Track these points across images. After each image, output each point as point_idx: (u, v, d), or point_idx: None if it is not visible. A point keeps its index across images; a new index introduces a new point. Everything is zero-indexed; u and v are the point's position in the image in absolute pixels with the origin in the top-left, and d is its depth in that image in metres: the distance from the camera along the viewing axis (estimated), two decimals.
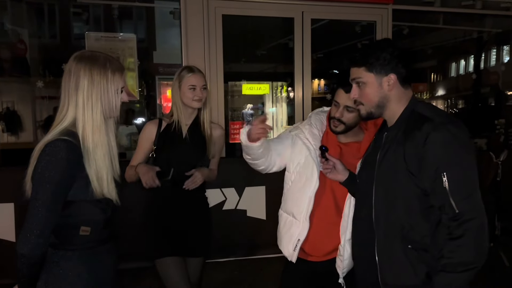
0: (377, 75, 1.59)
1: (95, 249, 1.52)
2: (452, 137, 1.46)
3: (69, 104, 1.48)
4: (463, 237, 1.41)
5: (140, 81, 4.99)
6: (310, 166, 1.97)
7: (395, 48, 1.59)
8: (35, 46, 6.10)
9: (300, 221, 1.99)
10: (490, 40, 7.71)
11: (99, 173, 1.47)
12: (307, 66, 4.78)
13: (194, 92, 2.27)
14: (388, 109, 1.63)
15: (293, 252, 2.01)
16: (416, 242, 1.52)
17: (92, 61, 1.49)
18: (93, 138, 1.47)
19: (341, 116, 1.94)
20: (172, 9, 4.86)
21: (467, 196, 1.44)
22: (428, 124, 1.48)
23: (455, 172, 1.44)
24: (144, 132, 2.35)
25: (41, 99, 6.33)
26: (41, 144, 1.43)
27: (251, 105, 9.73)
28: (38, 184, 1.39)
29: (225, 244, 3.98)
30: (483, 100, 7.50)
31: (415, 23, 6.12)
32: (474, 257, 1.41)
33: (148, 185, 2.16)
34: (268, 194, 4.09)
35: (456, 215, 1.43)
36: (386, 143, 1.62)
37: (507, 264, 3.91)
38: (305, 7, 4.66)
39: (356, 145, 2.02)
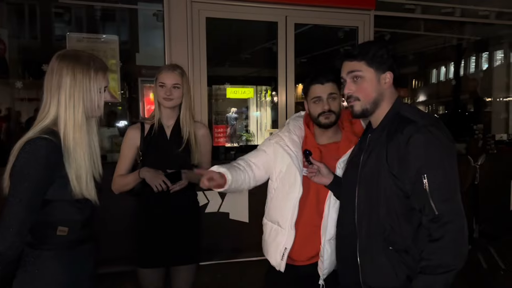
0: (377, 71, 1.59)
1: (73, 250, 1.51)
2: (434, 139, 1.46)
3: (51, 102, 1.46)
4: (443, 239, 1.41)
5: (122, 83, 4.94)
6: (293, 173, 1.96)
7: (390, 48, 1.61)
8: (14, 46, 6.00)
9: (285, 229, 1.97)
10: (470, 47, 7.90)
11: (78, 172, 1.45)
12: (290, 70, 4.80)
13: (163, 90, 2.19)
14: (380, 107, 1.63)
15: (280, 261, 2.00)
16: (397, 244, 1.52)
17: (75, 59, 1.48)
18: (74, 136, 1.45)
19: (330, 106, 1.97)
20: (155, 11, 4.84)
21: (447, 198, 1.44)
22: (411, 126, 1.49)
23: (435, 174, 1.44)
24: (127, 139, 2.26)
25: (20, 101, 6.21)
26: (21, 142, 1.41)
27: (235, 109, 9.73)
28: (16, 181, 1.37)
29: (208, 247, 3.91)
30: (463, 106, 7.65)
31: (396, 29, 6.22)
32: (453, 259, 1.42)
33: (159, 189, 2.09)
34: (251, 197, 4.08)
35: (436, 217, 1.43)
36: (370, 145, 1.63)
37: (485, 266, 3.98)
38: (288, 12, 4.69)
39: (335, 146, 2.03)
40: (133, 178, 2.18)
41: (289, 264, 2.02)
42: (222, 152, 6.57)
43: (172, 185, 2.12)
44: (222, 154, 6.38)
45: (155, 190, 2.10)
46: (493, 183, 4.73)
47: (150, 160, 2.21)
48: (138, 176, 2.15)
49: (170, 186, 2.11)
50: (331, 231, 1.92)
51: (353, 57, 1.62)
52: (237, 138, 9.00)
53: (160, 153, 2.23)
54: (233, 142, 8.75)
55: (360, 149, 1.70)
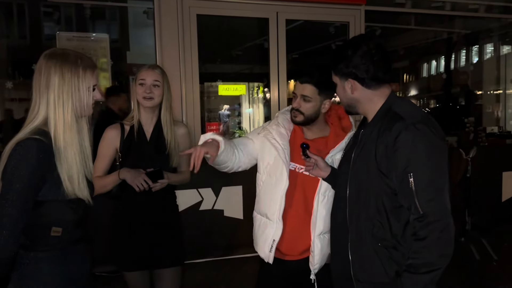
0: (340, 80, 1.65)
1: (67, 250, 1.50)
2: (421, 137, 1.45)
3: (40, 102, 1.45)
4: (427, 238, 1.42)
5: (113, 81, 4.91)
6: (280, 166, 1.97)
7: (354, 53, 1.58)
8: (3, 46, 5.93)
9: (273, 221, 1.99)
10: (460, 41, 7.94)
11: (69, 172, 1.44)
12: (282, 66, 4.81)
13: (143, 88, 2.12)
14: (360, 108, 1.67)
15: (269, 253, 2.01)
16: (386, 241, 1.53)
17: (62, 58, 1.46)
18: (64, 136, 1.44)
19: (299, 106, 1.97)
20: (145, 9, 4.80)
21: (432, 198, 1.43)
22: (400, 123, 1.48)
23: (421, 173, 1.43)
24: (105, 139, 2.18)
25: (10, 102, 6.14)
26: (12, 143, 1.40)
27: (228, 106, 9.71)
28: (8, 183, 1.36)
29: (202, 245, 3.96)
30: (454, 99, 7.70)
31: (387, 24, 6.25)
32: (437, 259, 1.42)
33: (141, 189, 2.05)
34: (245, 194, 4.09)
35: (421, 216, 1.43)
36: (362, 141, 1.63)
37: (478, 257, 4.02)
38: (279, 8, 4.69)
39: (323, 141, 2.04)
40: (112, 179, 2.12)
41: (281, 259, 2.03)
42: None
43: (154, 184, 2.09)
44: None
45: (137, 190, 2.06)
46: (485, 175, 4.77)
47: (129, 161, 2.15)
48: (118, 177, 2.10)
49: (152, 185, 2.07)
50: (321, 227, 1.94)
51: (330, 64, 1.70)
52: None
53: (140, 155, 2.17)
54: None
55: (354, 143, 1.71)
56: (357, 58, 1.57)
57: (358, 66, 1.57)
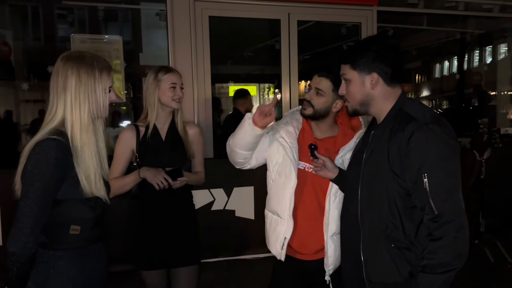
0: (360, 74, 1.60)
1: (86, 249, 1.53)
2: (435, 137, 1.45)
3: (58, 103, 1.48)
4: (443, 238, 1.42)
5: (126, 83, 4.96)
6: (288, 165, 1.98)
7: (381, 47, 1.59)
8: (19, 48, 6.03)
9: (284, 219, 2.00)
10: (473, 41, 7.86)
11: (87, 172, 1.47)
12: (294, 67, 4.81)
13: (174, 91, 2.20)
14: (373, 107, 1.64)
15: (281, 251, 2.02)
16: (399, 241, 1.53)
17: (79, 60, 1.49)
18: (81, 137, 1.47)
19: (311, 98, 1.98)
20: (158, 11, 4.84)
21: (447, 198, 1.44)
22: (412, 123, 1.48)
23: (435, 173, 1.44)
24: (122, 141, 2.23)
25: (25, 103, 6.24)
26: (31, 144, 1.43)
27: None
28: (28, 182, 1.39)
29: (214, 245, 3.97)
30: (467, 100, 7.63)
31: (399, 24, 6.21)
32: (453, 259, 1.42)
33: (161, 187, 2.10)
34: (256, 194, 4.09)
35: (436, 217, 1.43)
36: (373, 142, 1.63)
37: (492, 260, 3.98)
38: (291, 9, 4.69)
39: (332, 140, 2.05)
40: (132, 178, 2.16)
41: (294, 258, 2.04)
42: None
43: (173, 182, 2.13)
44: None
45: (156, 188, 2.10)
46: (499, 177, 4.71)
47: (147, 161, 2.19)
48: (138, 176, 2.14)
49: (172, 182, 2.12)
50: (333, 228, 1.95)
51: (342, 60, 1.67)
52: None
53: (157, 154, 2.22)
54: None
55: (364, 144, 1.70)
56: (381, 53, 1.57)
57: (383, 60, 1.57)
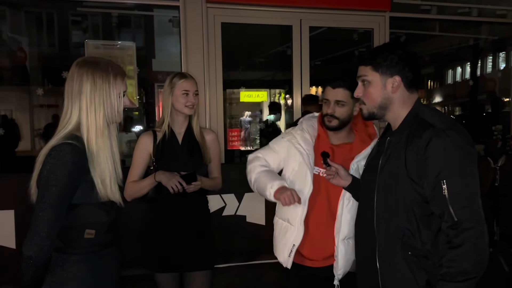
0: (382, 76, 1.59)
1: (99, 253, 1.54)
2: (453, 144, 1.44)
3: (73, 108, 1.50)
4: (462, 246, 1.39)
5: (139, 89, 5.01)
6: (304, 171, 1.99)
7: (404, 51, 1.60)
8: (34, 54, 6.12)
9: (295, 226, 1.99)
10: (487, 47, 7.78)
11: (102, 176, 1.48)
12: (305, 73, 4.81)
13: (187, 98, 2.23)
14: (391, 111, 1.63)
15: (288, 258, 2.02)
16: (416, 249, 1.51)
17: (94, 65, 1.51)
18: (96, 141, 1.48)
19: (333, 111, 1.98)
20: (171, 17, 4.89)
21: (466, 204, 1.42)
22: (430, 130, 1.47)
23: (454, 180, 1.42)
24: (140, 146, 2.28)
25: (39, 108, 6.33)
26: (46, 149, 1.45)
27: (249, 113, 9.76)
28: (44, 187, 1.41)
29: (225, 250, 3.97)
30: (480, 106, 7.53)
31: (412, 30, 6.18)
32: (474, 267, 1.40)
33: (175, 190, 2.12)
34: (267, 200, 4.09)
35: (455, 224, 1.41)
36: (389, 148, 1.62)
37: (507, 269, 3.92)
38: (303, 15, 4.70)
39: (348, 146, 2.05)
40: (148, 182, 2.20)
41: (303, 265, 2.03)
42: (237, 155, 6.58)
43: (188, 186, 2.15)
44: (237, 158, 6.39)
45: (171, 191, 2.12)
46: None
47: (163, 164, 2.23)
48: (154, 180, 2.17)
49: (186, 186, 2.13)
50: (345, 231, 1.95)
51: (362, 61, 1.65)
52: (251, 142, 9.03)
53: (173, 159, 2.25)
54: (247, 145, 8.78)
55: (379, 151, 1.69)
56: (404, 58, 1.58)
57: (407, 65, 1.58)
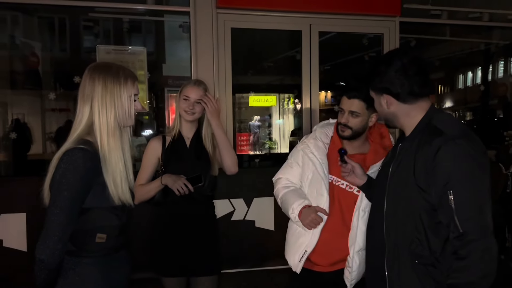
0: (376, 95, 1.66)
1: (111, 256, 1.55)
2: (462, 152, 1.42)
3: (84, 110, 1.53)
4: (468, 258, 1.38)
5: (149, 93, 5.05)
6: (319, 181, 2.01)
7: (390, 66, 1.57)
8: (47, 59, 6.21)
9: (309, 233, 2.01)
10: (498, 52, 7.71)
11: (114, 175, 1.51)
12: (314, 78, 4.81)
13: (186, 103, 2.26)
14: (398, 122, 1.66)
15: (298, 263, 2.04)
16: (424, 257, 1.51)
17: (106, 69, 1.56)
18: (108, 141, 1.51)
19: (347, 121, 2.00)
20: (181, 23, 4.93)
21: (472, 216, 1.40)
22: (440, 138, 1.46)
23: (461, 190, 1.41)
24: (149, 150, 2.32)
25: (51, 112, 6.40)
26: (59, 153, 1.48)
27: (258, 117, 9.78)
28: (56, 191, 1.43)
29: (233, 255, 3.98)
30: (491, 111, 7.46)
31: (422, 35, 6.15)
32: (480, 279, 1.39)
33: (181, 192, 2.14)
34: (276, 205, 4.05)
35: (460, 235, 1.40)
36: (400, 155, 1.62)
37: None
38: (312, 20, 4.71)
39: (362, 157, 2.05)
40: (155, 185, 2.23)
41: (311, 270, 2.05)
42: (246, 160, 6.59)
43: (194, 188, 2.17)
44: (246, 162, 6.39)
45: (177, 194, 2.14)
46: None
47: (171, 168, 2.25)
48: (160, 183, 2.20)
49: (191, 188, 2.15)
50: (360, 243, 1.93)
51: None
52: (260, 146, 9.04)
53: (180, 162, 2.27)
54: (256, 150, 8.79)
55: (391, 157, 1.69)
56: (390, 74, 1.57)
57: (392, 81, 1.57)
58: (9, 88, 5.62)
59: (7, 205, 3.62)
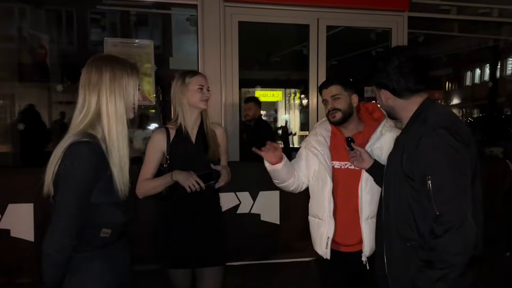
0: (376, 89, 1.82)
1: (112, 247, 1.55)
2: (440, 141, 1.53)
3: (91, 100, 1.51)
4: (442, 237, 1.49)
5: (156, 87, 5.05)
6: (323, 170, 2.20)
7: (387, 64, 1.71)
8: (54, 51, 6.23)
9: (325, 220, 2.20)
10: (507, 49, 7.64)
11: (121, 165, 1.50)
12: (322, 73, 4.79)
13: (202, 92, 2.27)
14: (397, 115, 1.81)
15: (326, 250, 2.21)
16: (414, 240, 1.61)
17: (111, 59, 1.58)
18: (117, 129, 1.51)
19: (333, 106, 2.20)
20: (188, 16, 4.93)
21: (447, 199, 1.50)
22: (422, 128, 1.59)
23: (438, 176, 1.52)
24: (153, 143, 2.28)
25: (58, 104, 6.44)
26: (63, 146, 1.45)
27: (264, 112, 9.78)
28: (63, 186, 1.42)
29: (239, 248, 3.99)
30: (499, 109, 7.42)
31: (430, 30, 6.10)
32: (453, 257, 1.48)
33: (192, 189, 2.14)
34: (282, 199, 4.09)
35: (437, 217, 1.51)
36: (395, 146, 1.79)
37: None
38: (320, 14, 4.69)
39: (360, 135, 2.22)
40: (165, 181, 2.21)
41: (340, 251, 2.20)
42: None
43: (205, 185, 2.17)
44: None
45: (188, 191, 2.14)
46: None
47: (177, 164, 2.23)
48: (171, 179, 2.19)
49: (203, 186, 2.16)
50: (367, 211, 2.12)
51: None
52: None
53: (187, 157, 2.26)
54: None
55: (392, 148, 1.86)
56: (388, 71, 1.71)
57: (389, 77, 1.71)
58: (17, 81, 5.65)
59: (14, 196, 3.65)
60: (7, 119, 6.00)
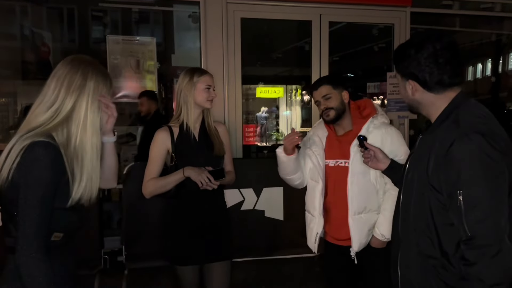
0: (402, 79, 1.53)
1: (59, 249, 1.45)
2: (475, 149, 1.29)
3: (67, 101, 1.44)
4: (476, 265, 1.27)
5: (158, 84, 5.06)
6: (316, 170, 2.29)
7: (420, 51, 1.44)
8: (57, 49, 6.24)
9: (316, 217, 2.29)
10: (509, 43, 7.63)
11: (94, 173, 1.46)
12: (324, 69, 4.78)
13: (209, 92, 2.26)
14: (423, 111, 1.54)
15: (314, 245, 2.32)
16: (435, 259, 1.41)
17: (95, 66, 1.52)
18: (92, 140, 1.46)
19: (326, 105, 2.24)
20: (190, 13, 4.92)
21: (482, 219, 1.27)
22: (454, 131, 1.34)
23: (471, 190, 1.29)
24: (157, 142, 2.26)
25: None
26: (22, 143, 1.36)
27: (266, 108, 9.76)
28: (29, 187, 1.32)
29: (243, 244, 3.99)
30: (501, 104, 7.40)
31: (433, 25, 6.09)
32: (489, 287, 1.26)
33: (204, 185, 2.15)
34: (286, 195, 4.10)
35: (468, 239, 1.29)
36: (418, 148, 1.53)
37: None
38: (323, 10, 4.67)
39: (350, 133, 2.26)
40: (176, 177, 2.20)
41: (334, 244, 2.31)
42: (253, 151, 6.60)
43: (216, 182, 2.18)
44: (254, 153, 6.41)
45: (200, 186, 2.15)
46: None
47: (183, 162, 2.23)
48: (183, 175, 2.18)
49: (214, 182, 2.16)
50: (354, 206, 2.16)
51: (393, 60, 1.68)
52: (267, 137, 9.05)
53: (193, 154, 2.26)
54: (263, 141, 8.81)
55: (412, 149, 1.62)
56: (420, 59, 1.44)
57: (420, 67, 1.44)
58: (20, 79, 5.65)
59: None
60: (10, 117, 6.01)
